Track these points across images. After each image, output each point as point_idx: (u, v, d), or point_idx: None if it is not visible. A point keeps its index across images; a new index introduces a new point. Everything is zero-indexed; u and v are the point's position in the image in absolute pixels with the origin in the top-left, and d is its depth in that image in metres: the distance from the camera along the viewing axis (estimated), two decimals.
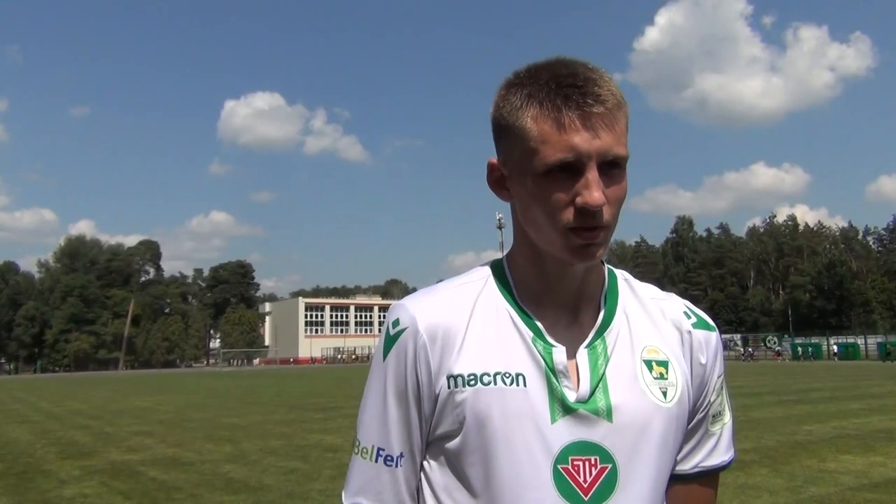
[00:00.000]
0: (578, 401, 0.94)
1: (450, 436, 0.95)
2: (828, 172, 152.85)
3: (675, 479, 1.03)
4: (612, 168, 0.90)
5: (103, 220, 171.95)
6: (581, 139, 0.88)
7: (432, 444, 0.99)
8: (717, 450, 1.06)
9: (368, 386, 1.01)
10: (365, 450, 1.00)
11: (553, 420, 0.93)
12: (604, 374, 0.96)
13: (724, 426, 1.07)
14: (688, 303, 1.08)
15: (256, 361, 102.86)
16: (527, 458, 0.92)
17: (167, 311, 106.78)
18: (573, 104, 0.88)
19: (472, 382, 0.94)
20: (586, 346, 0.98)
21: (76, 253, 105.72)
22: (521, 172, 0.94)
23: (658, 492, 0.97)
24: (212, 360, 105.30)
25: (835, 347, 55.60)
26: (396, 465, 0.98)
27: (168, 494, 7.33)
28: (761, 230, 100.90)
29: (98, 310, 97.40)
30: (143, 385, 37.31)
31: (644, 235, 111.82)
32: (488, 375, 0.94)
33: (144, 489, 7.66)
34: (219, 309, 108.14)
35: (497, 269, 1.05)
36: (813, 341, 60.14)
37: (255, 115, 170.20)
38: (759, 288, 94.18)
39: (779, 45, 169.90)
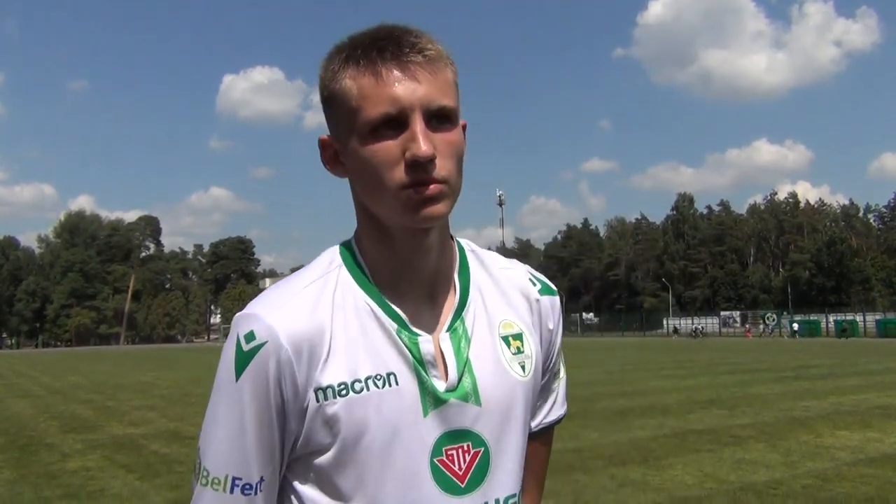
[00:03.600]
0: (448, 390, 0.91)
1: (320, 450, 0.88)
2: (831, 149, 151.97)
3: None
4: (441, 122, 0.87)
5: (103, 196, 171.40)
6: (401, 89, 0.84)
7: (300, 460, 0.91)
8: (555, 405, 1.09)
9: (216, 409, 0.90)
10: (217, 480, 0.88)
11: (425, 414, 0.89)
12: (468, 357, 0.93)
13: (560, 381, 1.10)
14: (530, 268, 1.08)
15: None
16: (405, 459, 0.88)
17: (167, 286, 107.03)
18: (389, 55, 0.86)
19: (343, 392, 0.87)
20: (447, 330, 0.94)
21: (76, 228, 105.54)
22: (348, 137, 0.89)
23: (522, 463, 0.98)
24: (213, 336, 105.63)
25: (796, 325, 55.97)
26: (256, 493, 0.88)
27: (170, 468, 7.39)
28: (762, 207, 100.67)
29: (98, 285, 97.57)
30: (145, 360, 37.47)
31: (644, 212, 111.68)
32: (359, 382, 0.88)
33: (146, 462, 7.73)
34: (219, 284, 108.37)
35: (347, 254, 0.97)
36: (812, 318, 60.34)
37: (254, 89, 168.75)
38: (758, 265, 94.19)
39: (784, 20, 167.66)
